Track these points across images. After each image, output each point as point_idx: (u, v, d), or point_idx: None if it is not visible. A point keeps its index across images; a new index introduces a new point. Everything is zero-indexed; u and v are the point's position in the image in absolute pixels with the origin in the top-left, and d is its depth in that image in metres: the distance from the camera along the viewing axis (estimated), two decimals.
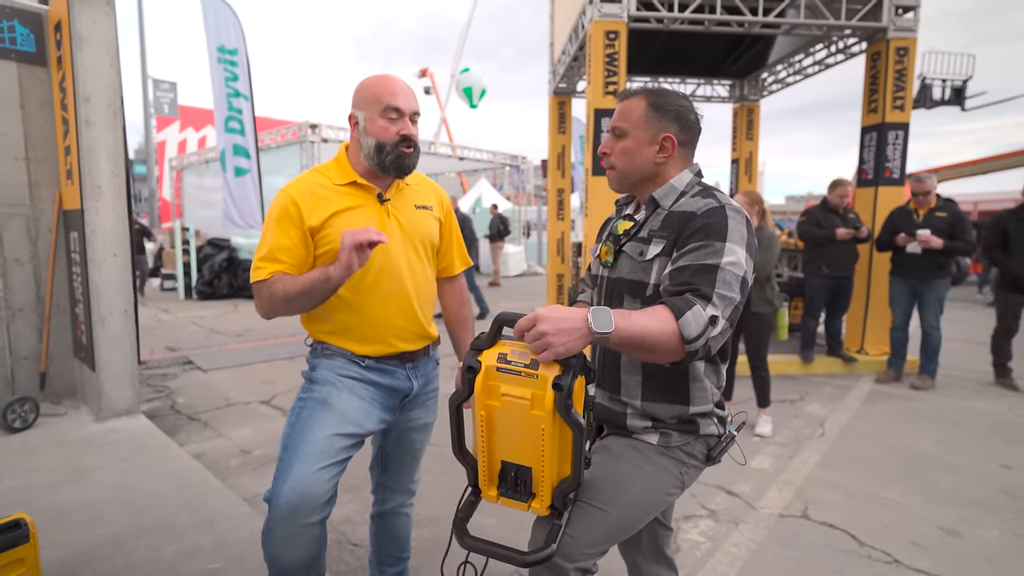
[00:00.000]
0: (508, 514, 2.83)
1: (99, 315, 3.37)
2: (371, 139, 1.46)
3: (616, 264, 1.32)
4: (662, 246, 1.21)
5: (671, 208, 1.26)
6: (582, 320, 1.01)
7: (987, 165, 13.19)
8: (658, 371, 1.24)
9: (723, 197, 1.23)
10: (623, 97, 1.32)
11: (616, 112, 1.33)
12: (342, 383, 1.50)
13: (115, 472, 2.75)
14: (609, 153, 1.32)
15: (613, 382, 1.32)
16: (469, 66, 17.40)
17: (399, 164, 1.48)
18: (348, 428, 1.46)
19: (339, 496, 2.80)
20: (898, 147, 5.23)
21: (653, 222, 1.27)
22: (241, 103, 7.81)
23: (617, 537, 1.23)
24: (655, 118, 1.26)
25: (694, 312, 1.05)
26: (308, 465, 1.36)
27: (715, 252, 1.12)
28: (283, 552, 1.38)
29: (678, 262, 1.16)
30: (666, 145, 1.27)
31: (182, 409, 4.14)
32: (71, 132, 3.31)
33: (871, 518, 2.61)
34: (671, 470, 1.25)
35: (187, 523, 2.26)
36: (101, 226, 3.32)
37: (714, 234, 1.14)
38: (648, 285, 1.23)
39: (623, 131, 1.29)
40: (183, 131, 21.80)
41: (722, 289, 1.09)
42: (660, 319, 1.05)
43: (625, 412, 1.29)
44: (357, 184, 1.50)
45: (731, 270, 1.11)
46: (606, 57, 5.08)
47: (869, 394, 4.61)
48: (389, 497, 1.78)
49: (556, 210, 8.04)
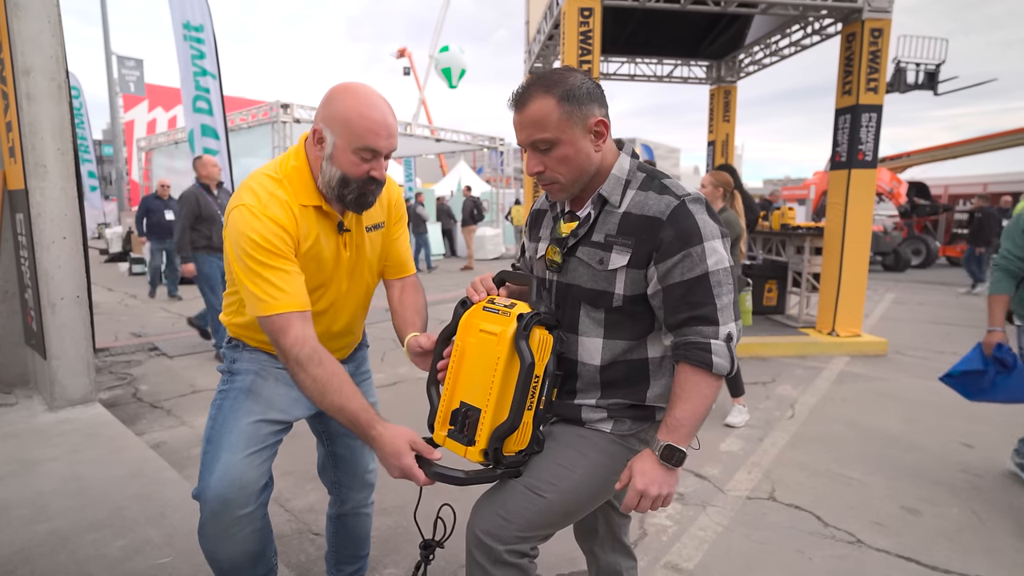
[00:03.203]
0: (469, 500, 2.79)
1: (49, 301, 3.22)
2: (336, 169, 1.27)
3: (566, 269, 1.23)
4: (627, 256, 1.13)
5: (624, 206, 1.16)
6: (658, 469, 1.10)
7: (958, 149, 13.39)
8: (617, 373, 1.21)
9: (674, 186, 1.15)
10: (521, 103, 1.12)
11: (525, 123, 1.12)
12: (266, 371, 1.42)
13: (65, 464, 2.64)
14: (543, 170, 1.15)
15: (568, 389, 1.27)
16: (448, 45, 17.05)
17: (361, 202, 1.32)
18: (274, 415, 1.38)
19: (303, 485, 2.77)
20: (871, 129, 5.24)
21: (606, 224, 1.17)
22: (208, 82, 7.53)
23: (557, 523, 1.19)
24: (575, 109, 1.10)
25: (716, 351, 1.09)
26: (235, 453, 1.28)
27: (698, 259, 1.09)
28: (221, 548, 1.31)
29: (666, 280, 1.11)
30: (600, 130, 1.14)
31: (144, 397, 4.02)
32: (11, 107, 3.12)
33: (836, 499, 2.63)
34: (619, 458, 1.21)
35: (138, 516, 2.17)
36: (48, 207, 3.15)
37: (688, 240, 1.09)
38: (614, 295, 1.16)
39: (550, 141, 1.12)
40: (152, 111, 21.06)
41: (719, 296, 1.10)
42: (699, 391, 1.09)
43: (580, 407, 1.25)
44: (323, 211, 1.33)
45: (718, 268, 1.10)
46: (580, 35, 4.98)
47: (839, 375, 4.66)
48: (347, 496, 1.69)
49: (533, 192, 7.94)
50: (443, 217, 14.56)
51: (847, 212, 5.34)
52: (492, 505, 1.16)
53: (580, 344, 1.22)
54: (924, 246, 12.90)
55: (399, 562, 2.13)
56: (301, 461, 2.87)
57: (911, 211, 13.49)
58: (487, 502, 1.18)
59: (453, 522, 1.31)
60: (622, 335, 1.19)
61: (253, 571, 1.39)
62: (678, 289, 1.10)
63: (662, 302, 1.13)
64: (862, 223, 5.35)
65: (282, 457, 1.44)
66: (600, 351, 1.21)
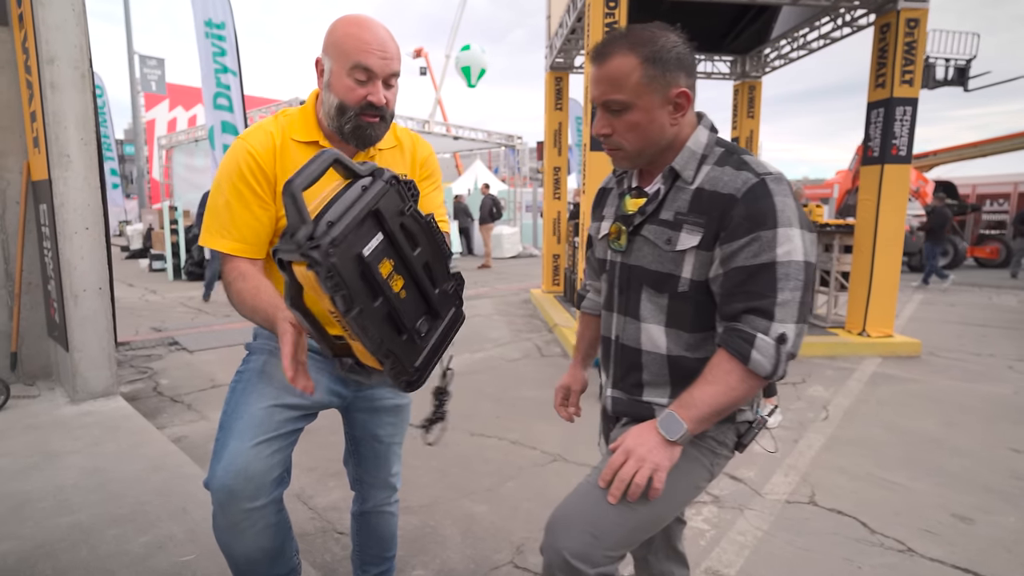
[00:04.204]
0: (500, 500, 2.74)
1: (71, 292, 3.20)
2: (333, 97, 1.22)
3: (631, 249, 1.14)
4: (698, 237, 1.03)
5: (697, 183, 1.06)
6: (655, 435, 1.02)
7: (986, 148, 13.03)
8: (687, 367, 1.11)
9: (756, 163, 1.04)
10: (601, 57, 1.04)
11: (601, 79, 1.04)
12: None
13: (87, 456, 2.60)
14: (611, 133, 1.07)
15: (633, 383, 1.17)
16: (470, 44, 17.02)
17: (360, 135, 1.24)
18: (289, 398, 1.27)
19: (325, 482, 2.70)
20: (906, 123, 5.06)
21: (677, 200, 1.08)
22: (229, 79, 7.58)
23: (641, 537, 1.08)
24: (659, 75, 1.01)
25: (759, 347, 0.98)
26: (243, 440, 1.19)
27: (767, 245, 0.98)
28: (234, 543, 1.23)
29: (728, 264, 1.01)
30: (681, 102, 1.04)
31: (165, 391, 4.00)
32: (35, 97, 3.10)
33: (881, 504, 2.50)
34: (701, 461, 1.11)
35: (160, 511, 2.12)
36: (71, 197, 3.13)
37: (761, 221, 0.98)
38: (680, 279, 1.07)
39: (623, 104, 1.03)
40: (172, 110, 21.34)
41: (783, 292, 0.98)
42: (727, 380, 1.00)
43: (652, 407, 1.15)
44: (319, 146, 1.26)
45: (789, 259, 0.97)
46: (606, 27, 4.88)
47: (872, 376, 4.51)
48: (368, 494, 1.61)
49: (552, 189, 7.85)
50: (460, 215, 14.51)
51: (879, 209, 5.17)
52: (580, 522, 1.03)
53: (643, 331, 1.13)
54: (952, 246, 12.57)
55: (427, 563, 2.05)
56: (323, 457, 2.81)
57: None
58: (573, 518, 1.05)
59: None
60: (684, 325, 1.10)
61: (271, 570, 1.32)
62: (739, 275, 1.00)
63: (720, 287, 1.03)
64: (895, 220, 5.18)
65: (304, 453, 1.36)
66: (664, 339, 1.11)
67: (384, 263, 1.00)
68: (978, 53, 11.00)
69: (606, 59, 1.03)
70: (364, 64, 1.18)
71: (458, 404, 1.14)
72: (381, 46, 1.19)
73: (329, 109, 1.24)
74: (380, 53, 1.19)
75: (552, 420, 3.65)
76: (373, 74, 1.20)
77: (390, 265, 1.01)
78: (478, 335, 5.79)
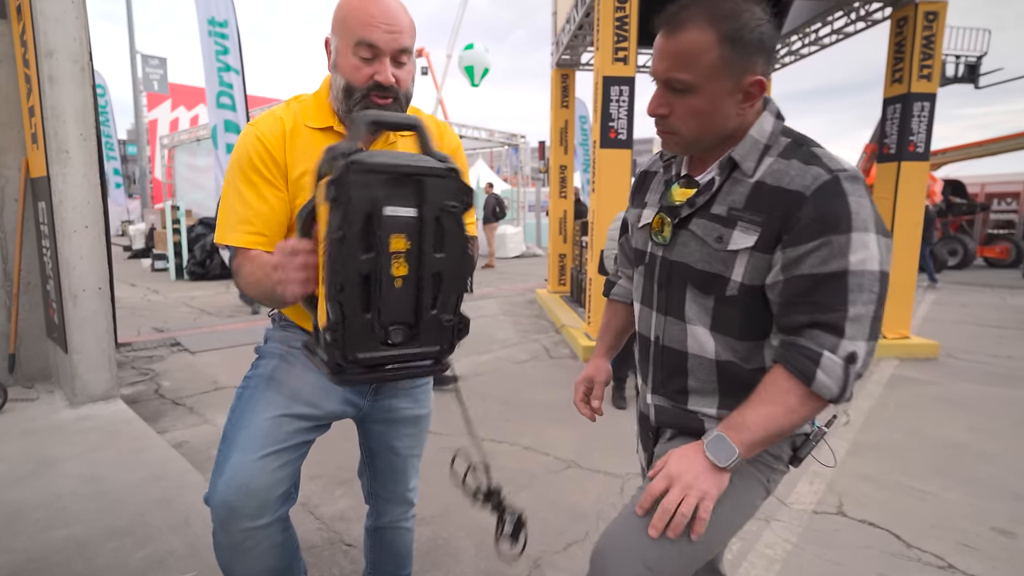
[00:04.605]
0: None
1: (70, 292, 3.10)
2: (340, 78, 1.12)
3: (675, 243, 1.01)
4: (754, 237, 0.91)
5: (758, 175, 0.93)
6: (702, 459, 0.91)
7: (996, 146, 12.88)
8: (739, 376, 1.00)
9: (828, 157, 0.91)
10: (673, 26, 0.90)
11: (668, 52, 0.91)
12: (293, 355, 1.22)
13: (84, 463, 2.50)
14: (667, 115, 0.95)
15: (677, 389, 1.06)
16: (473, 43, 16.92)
17: None
18: (299, 408, 1.18)
19: (332, 491, 2.60)
20: (923, 119, 4.95)
21: (732, 194, 0.95)
22: (232, 77, 7.53)
23: (697, 566, 0.98)
24: (735, 58, 0.88)
25: (825, 366, 0.87)
26: (247, 453, 1.10)
27: (839, 251, 0.86)
28: (235, 563, 1.14)
29: (791, 271, 0.89)
30: (753, 91, 0.91)
31: (166, 393, 3.90)
32: (34, 91, 3.00)
33: (913, 515, 2.39)
34: (757, 477, 1.01)
35: (160, 523, 2.02)
36: (70, 195, 3.03)
37: (833, 224, 0.86)
38: (729, 282, 0.95)
39: (688, 85, 0.90)
40: (175, 110, 21.27)
41: (855, 305, 0.86)
42: (785, 401, 0.89)
43: (702, 419, 1.04)
44: (335, 132, 1.18)
45: (863, 268, 0.86)
46: (616, 21, 4.77)
47: (890, 379, 4.39)
48: (384, 509, 1.50)
49: (559, 188, 7.74)
50: None
51: (896, 207, 5.06)
52: (631, 554, 0.93)
53: (688, 333, 1.02)
54: (961, 246, 12.43)
55: None
56: (330, 464, 2.71)
57: (947, 210, 13.01)
58: (624, 549, 0.95)
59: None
60: (732, 332, 0.99)
61: None
62: (803, 283, 0.88)
63: (780, 295, 0.91)
64: (912, 219, 5.07)
65: (309, 459, 1.26)
66: (713, 343, 1.00)
67: (399, 237, 0.92)
68: (989, 49, 10.88)
69: (678, 29, 0.89)
70: (368, 40, 1.08)
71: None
72: (388, 19, 1.09)
73: (337, 92, 1.14)
74: (386, 27, 1.08)
75: (564, 424, 3.56)
76: (379, 50, 1.09)
77: (403, 243, 0.92)
78: (484, 336, 5.69)
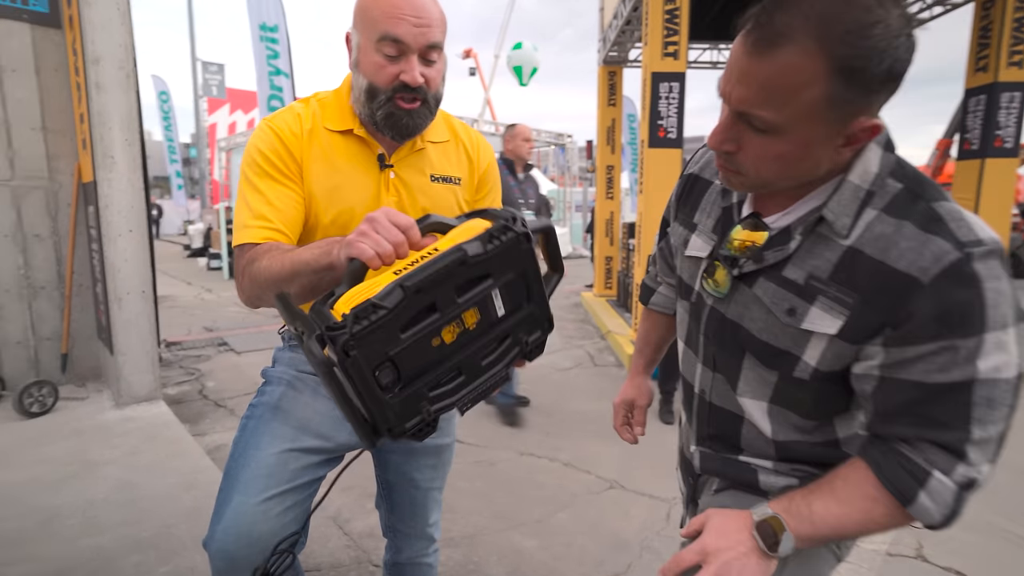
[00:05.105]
0: (551, 534, 2.48)
1: (115, 295, 3.16)
2: (362, 78, 1.01)
3: (732, 298, 0.81)
4: (840, 323, 0.70)
5: (853, 237, 0.69)
6: (748, 539, 0.72)
7: None
8: (801, 452, 0.83)
9: (956, 219, 0.65)
10: (766, 42, 0.62)
11: (752, 78, 0.64)
12: (302, 381, 1.12)
13: (122, 467, 2.52)
14: (735, 151, 0.71)
15: (727, 446, 0.89)
16: (522, 42, 16.88)
17: (395, 123, 1.01)
18: (308, 440, 1.07)
19: (363, 504, 2.50)
20: (1013, 112, 4.48)
21: (814, 256, 0.72)
22: (282, 81, 7.70)
23: None
24: (851, 98, 0.62)
25: (932, 489, 0.67)
26: (249, 495, 0.99)
27: (966, 357, 0.64)
28: None
29: (896, 372, 0.68)
30: (860, 136, 0.66)
31: (210, 394, 3.95)
32: (83, 98, 3.07)
33: (1007, 564, 2.09)
34: (828, 544, 0.83)
35: (185, 536, 1.98)
36: (115, 199, 3.08)
37: (959, 325, 0.63)
38: (799, 363, 0.75)
39: (772, 126, 0.65)
40: (232, 114, 22.14)
41: (984, 425, 0.65)
42: (866, 510, 0.70)
43: (756, 469, 0.86)
44: (354, 135, 1.06)
45: (995, 378, 0.64)
46: (666, 14, 4.53)
47: None
48: (403, 544, 1.39)
49: (605, 188, 7.52)
50: None
51: (978, 208, 4.61)
52: None
53: (740, 402, 0.85)
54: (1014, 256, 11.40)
55: None
56: (362, 475, 2.62)
57: None
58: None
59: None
60: (796, 408, 0.80)
61: None
62: (912, 391, 0.67)
63: (874, 397, 0.71)
64: (999, 220, 4.60)
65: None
66: (769, 422, 0.82)
67: (471, 312, 0.72)
68: None
69: (771, 47, 0.62)
70: (393, 34, 0.95)
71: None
72: (416, 10, 0.96)
73: (359, 93, 1.02)
74: (414, 19, 0.95)
75: (607, 439, 3.37)
76: (406, 47, 0.96)
77: (474, 316, 0.72)
78: None
